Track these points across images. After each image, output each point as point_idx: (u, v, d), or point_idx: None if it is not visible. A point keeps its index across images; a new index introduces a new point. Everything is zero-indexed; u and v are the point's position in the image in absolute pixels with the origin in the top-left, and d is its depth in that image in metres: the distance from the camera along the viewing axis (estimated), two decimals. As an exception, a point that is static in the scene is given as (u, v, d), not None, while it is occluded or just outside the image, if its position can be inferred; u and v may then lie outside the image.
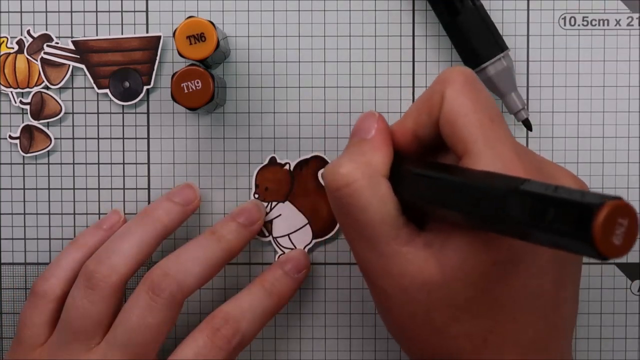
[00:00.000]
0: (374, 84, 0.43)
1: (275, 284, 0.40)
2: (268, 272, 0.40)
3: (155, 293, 0.36)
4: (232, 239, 0.39)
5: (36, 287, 0.39)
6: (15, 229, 0.43)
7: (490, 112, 0.33)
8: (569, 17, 0.42)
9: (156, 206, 0.40)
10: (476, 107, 0.32)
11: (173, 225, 0.40)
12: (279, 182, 0.42)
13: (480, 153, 0.31)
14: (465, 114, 0.32)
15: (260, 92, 0.43)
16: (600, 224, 0.24)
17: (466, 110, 0.32)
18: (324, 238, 0.42)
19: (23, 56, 0.42)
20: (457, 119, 0.32)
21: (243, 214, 0.40)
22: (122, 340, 0.36)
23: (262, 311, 0.38)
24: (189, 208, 0.41)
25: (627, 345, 0.43)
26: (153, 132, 0.43)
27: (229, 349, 0.37)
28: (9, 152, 0.43)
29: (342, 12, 0.43)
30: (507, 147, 0.31)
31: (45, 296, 0.39)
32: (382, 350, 0.44)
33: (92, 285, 0.37)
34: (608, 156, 0.43)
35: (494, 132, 0.32)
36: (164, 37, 0.42)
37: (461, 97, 0.33)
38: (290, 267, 0.40)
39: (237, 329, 0.37)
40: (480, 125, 0.32)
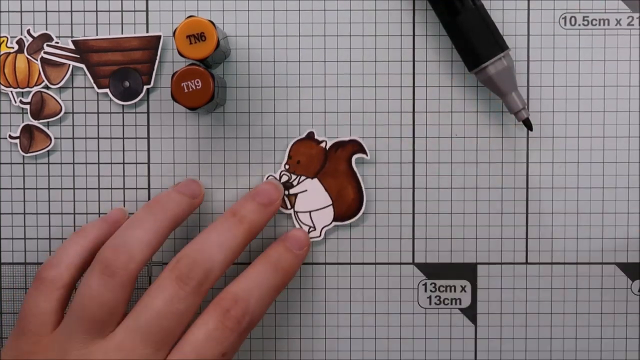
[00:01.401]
0: (374, 84, 0.43)
1: (280, 259, 0.40)
2: (271, 249, 0.40)
3: (183, 282, 0.36)
4: (254, 219, 0.39)
5: (43, 273, 0.39)
6: (15, 229, 0.43)
7: None
8: (569, 17, 0.42)
9: (165, 197, 0.40)
10: None
11: (183, 215, 0.40)
12: (311, 158, 0.42)
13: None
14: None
15: (260, 92, 0.43)
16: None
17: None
18: (343, 223, 0.42)
19: (23, 56, 0.42)
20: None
21: (261, 193, 0.41)
22: (146, 325, 0.36)
23: (268, 288, 0.38)
24: (196, 201, 0.41)
25: (627, 345, 0.43)
26: (153, 132, 0.43)
27: (240, 329, 0.37)
28: (9, 152, 0.43)
29: (342, 12, 0.43)
30: None
31: (54, 283, 0.38)
32: (382, 350, 0.44)
33: (110, 273, 0.36)
34: (608, 156, 0.43)
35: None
36: (164, 37, 0.42)
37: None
38: (291, 243, 0.41)
39: (246, 309, 0.37)
40: None
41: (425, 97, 0.43)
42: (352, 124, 0.43)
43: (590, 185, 0.43)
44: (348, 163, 0.42)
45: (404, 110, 0.43)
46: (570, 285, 0.43)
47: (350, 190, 0.42)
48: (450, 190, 0.43)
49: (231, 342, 0.37)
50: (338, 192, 0.42)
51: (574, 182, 0.43)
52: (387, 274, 0.43)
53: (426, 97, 0.43)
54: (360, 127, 0.43)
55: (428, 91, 0.43)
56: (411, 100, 0.43)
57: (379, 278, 0.43)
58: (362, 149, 0.42)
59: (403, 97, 0.43)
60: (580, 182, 0.43)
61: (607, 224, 0.43)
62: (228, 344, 0.36)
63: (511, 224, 0.43)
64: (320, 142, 0.42)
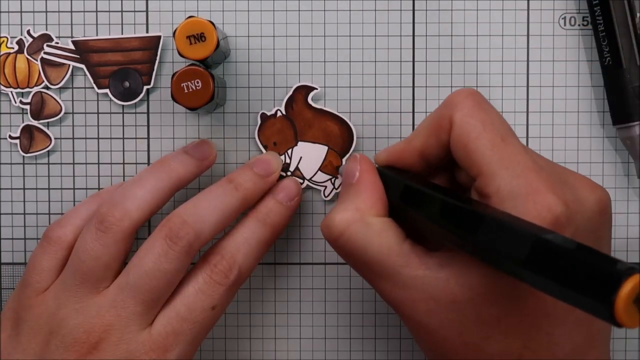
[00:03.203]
0: (374, 84, 0.43)
1: (269, 214, 0.40)
2: (260, 203, 0.40)
3: (172, 241, 0.36)
4: (250, 187, 0.39)
5: (50, 232, 0.39)
6: (15, 229, 0.43)
7: (501, 131, 0.33)
8: (569, 17, 0.42)
9: (172, 157, 0.40)
10: (486, 128, 0.33)
11: (187, 177, 0.40)
12: (280, 131, 0.42)
13: (494, 174, 0.32)
14: (476, 137, 0.33)
15: (260, 92, 0.43)
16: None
17: (477, 132, 0.33)
18: (350, 151, 0.42)
19: (23, 56, 0.42)
20: (468, 143, 0.33)
21: (259, 164, 0.41)
22: (136, 283, 0.36)
23: (256, 242, 0.39)
24: (205, 163, 0.41)
25: (627, 345, 0.43)
26: (153, 132, 0.43)
27: (228, 283, 0.37)
28: (9, 152, 0.43)
29: (342, 12, 0.43)
30: (522, 164, 0.32)
31: (59, 242, 0.39)
32: (382, 350, 0.44)
33: (104, 228, 0.37)
34: (608, 156, 0.43)
35: (508, 151, 0.32)
36: (164, 37, 0.42)
37: (470, 120, 0.33)
38: (282, 195, 0.40)
39: (233, 263, 0.37)
40: (493, 146, 0.32)
41: (425, 97, 0.43)
42: (352, 124, 0.43)
43: (590, 185, 0.43)
44: (309, 107, 0.42)
45: (404, 110, 0.43)
46: (570, 285, 0.43)
47: (330, 124, 0.42)
48: (450, 190, 0.43)
49: (220, 295, 0.37)
50: (324, 135, 0.42)
51: (574, 182, 0.43)
52: (387, 274, 0.43)
53: (426, 97, 0.43)
54: (360, 128, 0.43)
55: (428, 91, 0.43)
56: (411, 100, 0.43)
57: (379, 278, 0.43)
58: (309, 87, 0.42)
59: (403, 97, 0.43)
60: (580, 182, 0.43)
61: (606, 224, 0.43)
62: (217, 297, 0.37)
63: (511, 224, 0.43)
64: (275, 114, 0.42)
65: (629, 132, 0.40)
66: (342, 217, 0.35)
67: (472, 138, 0.33)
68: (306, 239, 0.43)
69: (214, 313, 0.37)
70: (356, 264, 0.35)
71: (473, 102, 0.34)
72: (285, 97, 0.42)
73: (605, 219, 0.33)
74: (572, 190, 0.32)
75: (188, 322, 0.37)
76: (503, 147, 0.32)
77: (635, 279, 0.24)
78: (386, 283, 0.34)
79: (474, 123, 0.33)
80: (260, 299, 0.44)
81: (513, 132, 0.33)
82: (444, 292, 0.32)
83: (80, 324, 0.36)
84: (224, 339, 0.44)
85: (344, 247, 0.34)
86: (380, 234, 0.34)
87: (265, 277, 0.44)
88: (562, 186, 0.32)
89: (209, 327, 0.38)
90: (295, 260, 0.43)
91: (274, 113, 0.42)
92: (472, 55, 0.42)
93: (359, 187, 0.36)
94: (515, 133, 0.34)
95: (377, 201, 0.35)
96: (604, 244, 0.34)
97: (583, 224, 0.31)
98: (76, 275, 0.37)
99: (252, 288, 0.44)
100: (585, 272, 0.25)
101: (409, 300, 0.33)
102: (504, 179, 0.31)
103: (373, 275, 0.34)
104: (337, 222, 0.34)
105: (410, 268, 0.33)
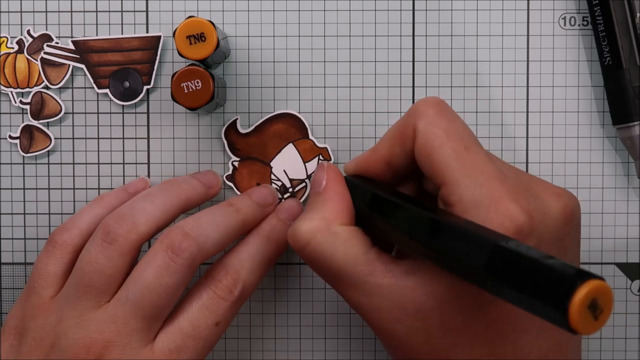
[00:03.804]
0: (374, 84, 0.43)
1: (272, 231, 0.40)
2: (264, 222, 0.40)
3: (175, 253, 0.36)
4: (249, 212, 0.39)
5: (56, 236, 0.39)
6: (15, 229, 0.43)
7: (465, 139, 0.33)
8: (569, 17, 0.42)
9: (182, 179, 0.40)
10: (449, 137, 0.33)
11: (195, 200, 0.40)
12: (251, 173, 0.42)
13: (458, 183, 0.32)
14: (439, 146, 0.33)
15: (260, 92, 0.43)
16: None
17: (440, 141, 0.33)
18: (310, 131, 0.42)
19: (23, 56, 0.42)
20: (431, 152, 0.33)
21: (256, 193, 0.41)
22: (135, 298, 0.35)
23: (261, 258, 0.39)
24: (211, 191, 0.41)
25: (627, 345, 0.43)
26: (153, 132, 0.43)
27: (232, 299, 0.37)
28: (9, 152, 0.43)
29: (342, 12, 0.43)
30: (485, 173, 0.32)
31: (64, 246, 0.38)
32: (382, 350, 0.44)
33: (110, 240, 0.36)
34: (608, 156, 0.43)
35: (471, 160, 0.32)
36: (164, 37, 0.42)
37: (434, 129, 0.33)
38: (285, 215, 0.41)
39: (237, 279, 0.37)
40: (456, 155, 0.32)
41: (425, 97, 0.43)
42: (352, 124, 0.43)
43: (590, 186, 0.43)
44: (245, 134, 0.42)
45: (404, 110, 0.43)
46: (570, 285, 0.43)
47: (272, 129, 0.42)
48: (450, 191, 0.43)
49: (224, 311, 0.37)
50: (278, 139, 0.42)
51: (574, 182, 0.43)
52: (387, 274, 0.43)
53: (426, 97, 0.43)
54: (360, 128, 0.43)
55: (428, 91, 0.43)
56: (411, 101, 0.43)
57: (379, 278, 0.43)
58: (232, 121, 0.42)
59: (403, 97, 0.43)
60: (580, 182, 0.43)
61: (607, 224, 0.43)
62: (221, 313, 0.37)
63: (511, 224, 0.43)
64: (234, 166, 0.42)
65: (628, 132, 0.40)
66: (308, 226, 0.35)
67: (436, 147, 0.33)
68: (306, 239, 0.43)
69: (218, 329, 0.37)
70: (323, 272, 0.35)
71: (436, 110, 0.34)
72: (225, 144, 0.42)
73: (571, 227, 0.33)
74: (536, 199, 0.32)
75: (192, 338, 0.36)
76: (466, 155, 0.32)
77: (590, 285, 0.24)
78: (353, 291, 0.34)
79: (437, 132, 0.33)
80: (260, 299, 0.44)
81: (477, 141, 0.34)
82: (410, 300, 0.32)
83: (80, 338, 0.35)
84: (224, 339, 0.44)
85: (310, 255, 0.35)
86: (346, 243, 0.34)
87: (265, 277, 0.44)
88: (526, 195, 0.32)
89: (212, 344, 0.37)
90: (295, 260, 0.43)
91: (231, 169, 0.42)
92: (472, 55, 0.42)
93: (325, 195, 0.36)
94: (479, 141, 0.34)
95: (343, 210, 0.36)
96: (570, 253, 0.34)
97: (547, 234, 0.31)
98: (78, 287, 0.36)
99: (252, 288, 0.44)
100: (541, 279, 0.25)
101: (375, 309, 0.33)
102: (467, 187, 0.31)
103: (340, 283, 0.34)
104: (304, 231, 0.35)
105: (376, 276, 0.33)
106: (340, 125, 0.43)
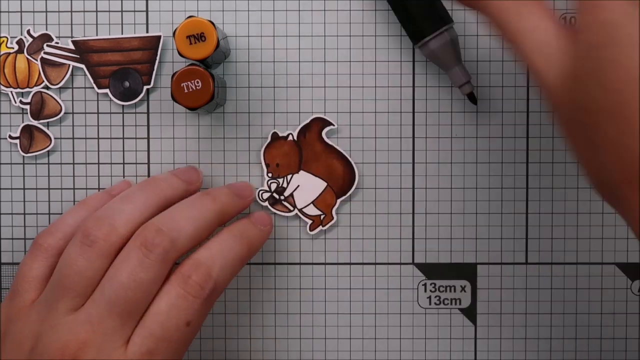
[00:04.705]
0: (374, 83, 0.43)
1: (245, 231, 0.39)
2: (236, 222, 0.40)
3: (148, 249, 0.35)
4: (226, 201, 0.39)
5: (40, 239, 0.39)
6: (15, 229, 0.43)
7: None
8: (569, 17, 0.42)
9: (161, 178, 0.40)
10: None
11: (174, 199, 0.39)
12: (287, 155, 0.42)
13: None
14: None
15: (260, 92, 0.43)
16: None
17: None
18: (347, 195, 0.42)
19: (23, 56, 0.42)
20: None
21: (235, 185, 0.41)
22: (111, 296, 0.35)
23: (232, 256, 0.38)
24: (191, 188, 0.41)
25: (627, 345, 0.43)
26: (153, 132, 0.43)
27: (203, 295, 0.36)
28: (9, 152, 0.43)
29: (342, 12, 0.43)
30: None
31: (48, 250, 0.38)
32: (382, 350, 0.44)
33: (89, 243, 0.36)
34: (608, 156, 0.43)
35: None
36: (164, 37, 0.42)
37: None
38: (255, 218, 0.40)
39: (208, 275, 0.36)
40: None
41: (425, 97, 0.43)
42: (352, 124, 0.43)
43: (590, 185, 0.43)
44: (321, 141, 0.42)
45: (404, 110, 0.43)
46: (570, 285, 0.43)
47: (336, 163, 0.42)
48: (450, 190, 0.43)
49: (195, 309, 0.36)
50: (327, 171, 0.42)
51: (574, 182, 0.43)
52: (387, 274, 0.43)
53: (426, 97, 0.43)
54: (360, 127, 0.43)
55: (428, 91, 0.43)
56: (411, 100, 0.43)
57: (379, 278, 0.43)
58: (327, 121, 0.42)
59: (403, 97, 0.43)
60: (580, 182, 0.43)
61: (607, 224, 0.43)
62: (192, 311, 0.36)
63: (511, 224, 0.43)
64: (286, 137, 0.42)
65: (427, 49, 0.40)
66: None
67: None
68: (306, 239, 0.43)
69: (189, 330, 0.36)
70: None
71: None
72: (301, 124, 0.42)
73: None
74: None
75: (163, 341, 0.35)
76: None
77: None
78: None
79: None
80: (260, 299, 0.44)
81: None
82: None
83: (55, 341, 0.35)
84: (224, 339, 0.44)
85: None
86: None
87: (265, 277, 0.44)
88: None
89: (186, 344, 0.37)
90: (295, 260, 0.43)
91: (286, 135, 0.42)
92: (472, 55, 0.42)
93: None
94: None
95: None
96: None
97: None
98: (57, 289, 0.36)
99: (252, 288, 0.44)
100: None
101: None
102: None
103: None
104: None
105: None
106: (340, 125, 0.43)
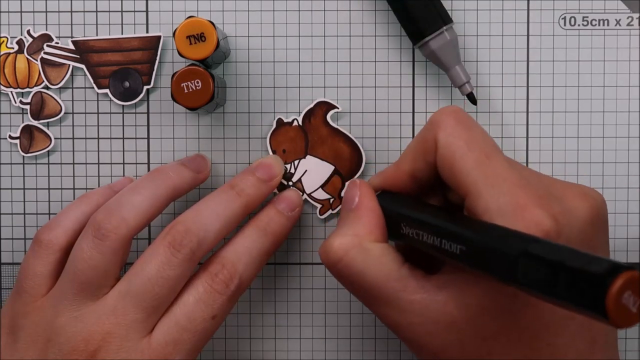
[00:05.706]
0: (374, 84, 0.43)
1: (270, 223, 0.39)
2: (261, 212, 0.40)
3: (176, 248, 0.36)
4: (252, 193, 0.39)
5: (41, 235, 0.39)
6: (15, 229, 0.43)
7: (485, 148, 0.33)
8: (569, 17, 0.42)
9: (169, 167, 0.40)
10: (470, 147, 0.33)
11: (183, 188, 0.40)
12: (293, 140, 0.42)
13: (481, 193, 0.32)
14: (460, 157, 0.33)
15: (260, 92, 0.43)
16: (613, 296, 0.23)
17: (461, 152, 0.33)
18: (356, 177, 0.42)
19: (23, 56, 0.42)
20: (453, 163, 0.33)
21: (261, 168, 0.41)
22: (137, 290, 0.36)
23: (258, 252, 0.38)
24: (200, 176, 0.41)
25: (627, 345, 0.43)
26: (153, 132, 0.43)
27: (229, 292, 0.37)
28: (9, 152, 0.43)
29: (342, 12, 0.43)
30: (508, 181, 0.32)
31: (50, 246, 0.38)
32: (382, 350, 0.44)
33: (101, 236, 0.36)
34: (608, 156, 0.43)
35: (492, 169, 0.32)
36: (164, 37, 0.42)
37: (454, 140, 0.33)
38: (283, 205, 0.40)
39: (234, 273, 0.37)
40: (478, 165, 0.32)
41: (425, 97, 0.43)
42: (351, 124, 0.43)
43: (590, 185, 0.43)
44: (326, 124, 0.42)
45: (404, 110, 0.43)
46: (570, 285, 0.43)
47: (343, 146, 0.42)
48: (450, 191, 0.43)
49: (220, 304, 0.37)
50: (334, 155, 0.42)
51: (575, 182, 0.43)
52: (387, 274, 0.43)
53: (426, 97, 0.43)
54: (360, 127, 0.43)
55: (428, 91, 0.43)
56: (411, 100, 0.43)
57: (379, 278, 0.43)
58: (331, 105, 0.42)
59: (403, 97, 0.43)
60: (580, 182, 0.43)
61: (606, 224, 0.43)
62: (217, 306, 0.37)
63: (511, 224, 0.43)
64: (292, 123, 0.42)
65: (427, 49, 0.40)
66: (341, 242, 0.35)
67: (457, 158, 0.33)
68: (306, 239, 0.43)
69: (214, 322, 0.37)
70: (355, 289, 0.35)
71: (456, 120, 0.34)
72: (306, 108, 0.42)
73: (599, 226, 0.33)
74: (561, 202, 0.32)
75: (188, 331, 0.36)
76: (488, 164, 0.32)
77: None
78: (385, 308, 0.34)
79: (458, 143, 0.33)
80: (260, 299, 0.44)
81: (498, 148, 0.34)
82: (443, 314, 0.32)
83: (78, 332, 0.36)
84: (224, 339, 0.44)
85: (342, 272, 0.35)
86: (378, 259, 0.34)
87: (265, 277, 0.44)
88: (550, 199, 0.31)
89: (208, 336, 0.37)
90: (295, 260, 0.43)
91: (291, 121, 0.42)
92: (472, 55, 0.42)
93: (358, 212, 0.36)
94: (499, 148, 0.34)
95: (375, 227, 0.36)
96: (599, 252, 0.33)
97: (574, 235, 0.31)
98: (74, 283, 0.36)
99: (252, 288, 0.44)
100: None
101: (408, 324, 0.33)
102: (491, 197, 0.31)
103: (372, 300, 0.34)
104: (336, 247, 0.35)
105: (408, 292, 0.33)
106: (340, 125, 0.43)
